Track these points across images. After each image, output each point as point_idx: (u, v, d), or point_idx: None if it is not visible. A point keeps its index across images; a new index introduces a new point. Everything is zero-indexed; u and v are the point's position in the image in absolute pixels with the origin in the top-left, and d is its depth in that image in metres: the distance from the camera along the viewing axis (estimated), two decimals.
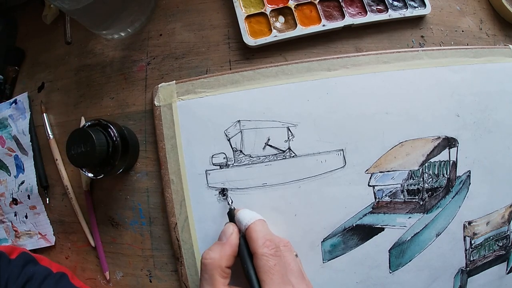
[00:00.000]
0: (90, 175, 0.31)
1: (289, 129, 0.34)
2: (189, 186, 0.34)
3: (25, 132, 0.40)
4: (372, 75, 0.34)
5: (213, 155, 0.34)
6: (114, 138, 0.31)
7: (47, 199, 0.39)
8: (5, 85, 0.42)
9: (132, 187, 0.36)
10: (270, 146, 0.33)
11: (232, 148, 0.34)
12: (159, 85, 0.35)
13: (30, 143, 0.39)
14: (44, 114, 0.39)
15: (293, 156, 0.34)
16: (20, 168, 0.40)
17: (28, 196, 0.39)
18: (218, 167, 0.34)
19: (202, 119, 0.34)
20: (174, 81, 0.35)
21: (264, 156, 0.34)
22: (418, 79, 0.35)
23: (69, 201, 0.38)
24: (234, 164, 0.34)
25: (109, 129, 0.31)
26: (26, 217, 0.39)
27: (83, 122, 0.38)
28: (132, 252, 0.36)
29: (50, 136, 0.39)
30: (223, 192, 0.33)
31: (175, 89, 0.35)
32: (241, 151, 0.34)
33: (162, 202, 0.35)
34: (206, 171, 0.34)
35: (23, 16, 0.44)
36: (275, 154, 0.34)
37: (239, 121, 0.34)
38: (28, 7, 0.44)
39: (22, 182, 0.40)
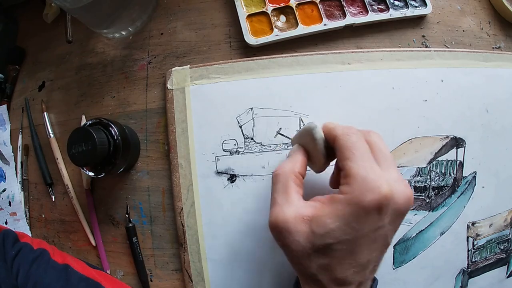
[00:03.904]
0: (91, 174, 0.31)
1: (301, 119, 0.34)
2: (197, 171, 0.34)
3: (6, 143, 0.41)
4: (385, 71, 0.34)
5: (224, 141, 0.34)
6: (115, 137, 0.31)
7: (53, 196, 0.39)
8: (5, 84, 0.42)
9: (133, 186, 0.36)
10: (282, 134, 0.33)
11: (243, 135, 0.34)
12: (173, 69, 0.35)
13: (12, 154, 0.41)
14: (45, 113, 0.39)
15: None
16: (1, 177, 0.41)
17: (9, 203, 0.40)
18: (228, 153, 0.34)
19: (214, 104, 0.34)
20: (189, 66, 0.35)
21: (275, 144, 0.34)
22: (430, 78, 0.35)
23: (69, 200, 0.38)
24: (245, 151, 0.34)
25: (110, 128, 0.31)
26: (6, 223, 0.40)
27: (83, 121, 0.38)
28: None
29: (51, 135, 0.39)
30: (232, 178, 0.33)
31: (189, 74, 0.35)
32: (252, 138, 0.34)
33: (163, 201, 0.35)
34: (216, 156, 0.34)
35: (23, 15, 0.44)
36: (286, 143, 0.34)
37: (251, 108, 0.34)
38: (29, 6, 0.44)
39: (4, 190, 0.41)
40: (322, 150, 0.25)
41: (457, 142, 0.35)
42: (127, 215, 0.36)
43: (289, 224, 0.23)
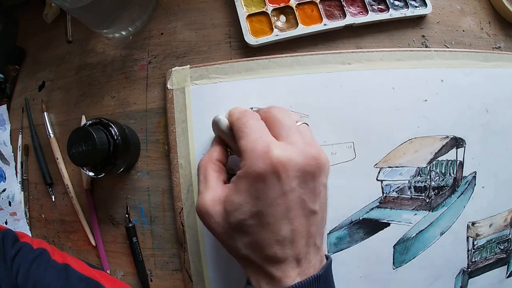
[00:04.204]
0: (91, 174, 0.31)
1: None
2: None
3: (6, 143, 0.41)
4: (385, 71, 0.34)
5: None
6: (115, 137, 0.31)
7: (53, 196, 0.39)
8: (5, 84, 0.42)
9: (133, 186, 0.36)
10: None
11: None
12: (173, 69, 0.35)
13: (12, 154, 0.41)
14: (45, 113, 0.39)
15: None
16: (1, 177, 0.41)
17: (9, 203, 0.40)
18: (228, 153, 0.34)
19: (214, 104, 0.34)
20: (189, 66, 0.35)
21: None
22: (430, 78, 0.35)
23: (69, 200, 0.38)
24: None
25: (110, 128, 0.31)
26: (6, 223, 0.40)
27: (83, 121, 0.38)
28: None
29: (51, 135, 0.39)
30: (231, 178, 0.33)
31: (189, 74, 0.35)
32: None
33: (163, 201, 0.35)
34: None
35: (23, 15, 0.44)
36: None
37: (251, 108, 0.34)
38: (28, 6, 0.44)
39: (4, 190, 0.41)
40: (232, 136, 0.27)
41: (457, 142, 0.35)
42: (127, 215, 0.36)
43: (208, 207, 0.24)
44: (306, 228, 0.23)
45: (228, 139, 0.28)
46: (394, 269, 0.34)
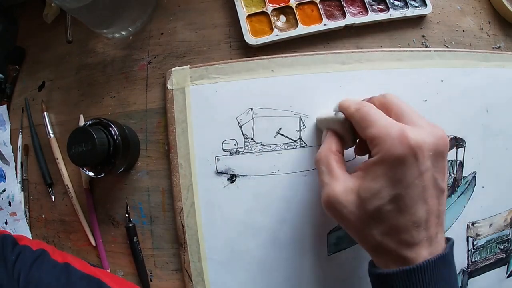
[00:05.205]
0: (91, 174, 0.31)
1: (301, 119, 0.34)
2: (197, 171, 0.34)
3: (6, 143, 0.41)
4: (385, 71, 0.35)
5: (223, 141, 0.34)
6: (115, 137, 0.31)
7: (52, 196, 0.39)
8: (5, 84, 0.42)
9: (132, 186, 0.36)
10: (282, 135, 0.33)
11: (243, 135, 0.34)
12: (173, 69, 0.35)
13: (12, 154, 0.41)
14: (45, 113, 0.39)
15: (303, 146, 0.34)
16: (1, 177, 0.41)
17: (9, 203, 0.40)
18: (228, 153, 0.34)
19: (214, 104, 0.34)
20: (188, 66, 0.35)
21: (275, 144, 0.34)
22: (430, 78, 0.35)
23: (69, 200, 0.38)
24: (244, 151, 0.34)
25: (110, 128, 0.31)
26: (6, 223, 0.40)
27: (82, 120, 0.38)
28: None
29: (51, 135, 0.39)
30: (232, 178, 0.33)
31: (189, 74, 0.35)
32: (252, 139, 0.34)
33: (163, 201, 0.35)
34: (215, 157, 0.34)
35: (23, 15, 0.44)
36: (286, 143, 0.34)
37: (251, 108, 0.34)
38: (28, 6, 0.44)
39: (4, 190, 0.41)
40: (348, 129, 0.28)
41: (457, 142, 0.35)
42: (127, 215, 0.35)
43: (340, 197, 0.25)
44: (437, 208, 0.23)
45: (344, 131, 0.28)
46: None
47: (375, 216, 0.23)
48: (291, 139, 0.34)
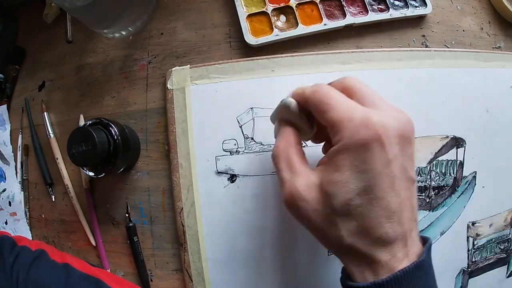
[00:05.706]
0: (91, 174, 0.31)
1: None
2: (197, 171, 0.34)
3: (6, 143, 0.41)
4: (385, 71, 0.34)
5: (224, 141, 0.34)
6: (115, 137, 0.31)
7: (53, 196, 0.39)
8: (5, 84, 0.42)
9: (133, 186, 0.36)
10: None
11: (243, 135, 0.34)
12: (173, 69, 0.35)
13: (12, 154, 0.41)
14: (45, 113, 0.39)
15: (304, 146, 0.33)
16: (1, 177, 0.41)
17: (9, 203, 0.40)
18: (228, 153, 0.34)
19: (214, 104, 0.34)
20: (189, 65, 0.35)
21: None
22: (430, 78, 0.35)
23: (69, 200, 0.38)
24: (245, 151, 0.34)
25: (110, 128, 0.31)
26: (6, 223, 0.40)
27: (82, 120, 0.38)
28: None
29: (51, 135, 0.39)
30: (232, 178, 0.33)
31: (189, 73, 0.35)
32: (252, 138, 0.34)
33: (163, 201, 0.35)
34: (216, 156, 0.34)
35: (23, 15, 0.44)
36: None
37: (251, 108, 0.34)
38: (28, 6, 0.44)
39: (4, 190, 0.41)
40: (303, 117, 0.25)
41: (457, 142, 0.35)
42: (127, 215, 0.35)
43: (303, 193, 0.22)
44: (409, 200, 0.21)
45: (298, 120, 0.25)
46: None
47: (343, 213, 0.21)
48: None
